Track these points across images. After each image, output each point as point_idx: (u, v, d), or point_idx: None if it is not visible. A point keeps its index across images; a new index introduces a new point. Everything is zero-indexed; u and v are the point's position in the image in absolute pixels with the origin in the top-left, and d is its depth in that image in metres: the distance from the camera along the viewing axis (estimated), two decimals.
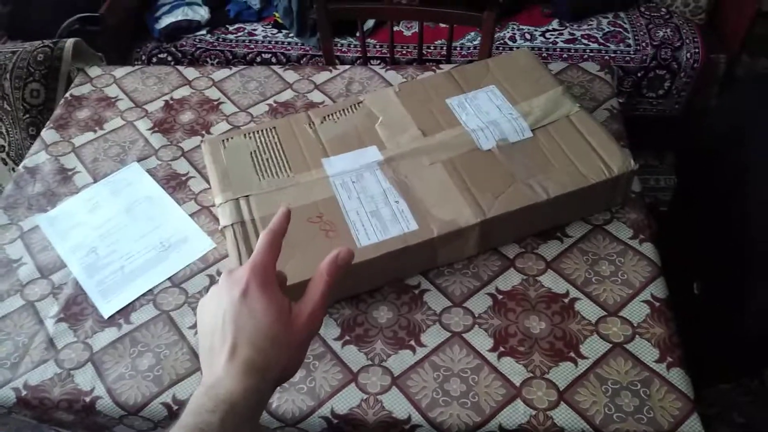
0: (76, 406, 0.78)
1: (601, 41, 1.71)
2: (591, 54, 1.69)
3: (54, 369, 0.81)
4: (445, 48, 1.38)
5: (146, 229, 0.96)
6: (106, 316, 0.86)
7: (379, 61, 1.72)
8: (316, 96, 1.17)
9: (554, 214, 0.91)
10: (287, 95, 1.18)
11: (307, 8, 1.75)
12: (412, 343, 0.81)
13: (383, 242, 0.83)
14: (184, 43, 1.84)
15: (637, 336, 0.79)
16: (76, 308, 0.87)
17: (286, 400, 0.76)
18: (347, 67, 1.23)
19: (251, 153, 0.96)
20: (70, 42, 1.25)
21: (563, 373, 0.77)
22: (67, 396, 0.78)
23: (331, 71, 1.22)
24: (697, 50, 1.66)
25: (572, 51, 1.71)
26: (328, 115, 1.01)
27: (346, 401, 0.76)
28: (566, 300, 0.84)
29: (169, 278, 0.90)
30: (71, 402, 0.78)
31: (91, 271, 0.91)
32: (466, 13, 1.22)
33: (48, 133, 1.14)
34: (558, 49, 1.72)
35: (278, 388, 0.76)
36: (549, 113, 0.97)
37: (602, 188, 0.89)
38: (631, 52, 1.68)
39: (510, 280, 0.87)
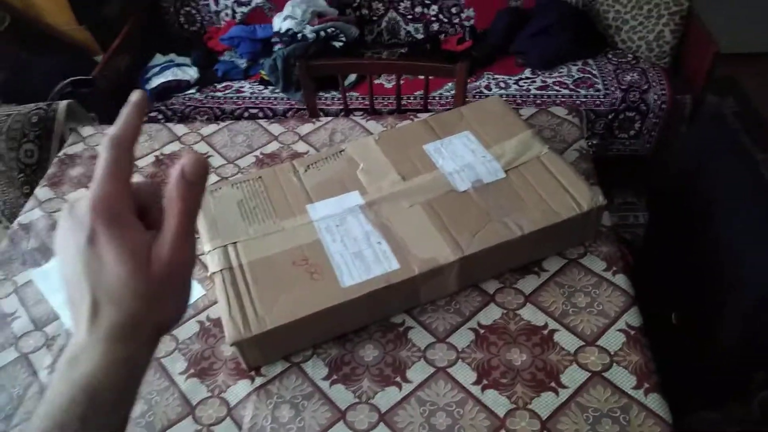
0: None
1: (572, 87, 1.80)
2: (563, 99, 1.77)
3: None
4: (422, 98, 1.46)
5: None
6: None
7: (361, 113, 1.79)
8: (301, 146, 1.22)
9: (530, 249, 0.95)
10: (273, 147, 1.23)
11: (291, 65, 1.83)
12: (398, 379, 0.83)
13: (366, 281, 0.86)
14: (174, 101, 1.91)
15: (614, 364, 0.82)
16: None
17: None
18: (330, 118, 1.29)
19: (238, 202, 1.00)
20: (63, 104, 1.31)
21: (545, 403, 0.79)
22: None
23: (314, 123, 1.28)
24: (663, 92, 1.75)
25: (545, 97, 1.79)
26: (312, 164, 1.06)
27: None
28: (545, 332, 0.87)
29: None
30: None
31: None
32: (439, 65, 1.29)
33: (42, 191, 1.18)
34: (531, 96, 1.80)
35: (269, 428, 0.77)
36: (520, 155, 1.03)
37: (574, 223, 0.94)
38: (601, 96, 1.77)
39: (491, 314, 0.90)
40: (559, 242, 0.97)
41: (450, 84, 1.85)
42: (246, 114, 1.89)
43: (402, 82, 1.49)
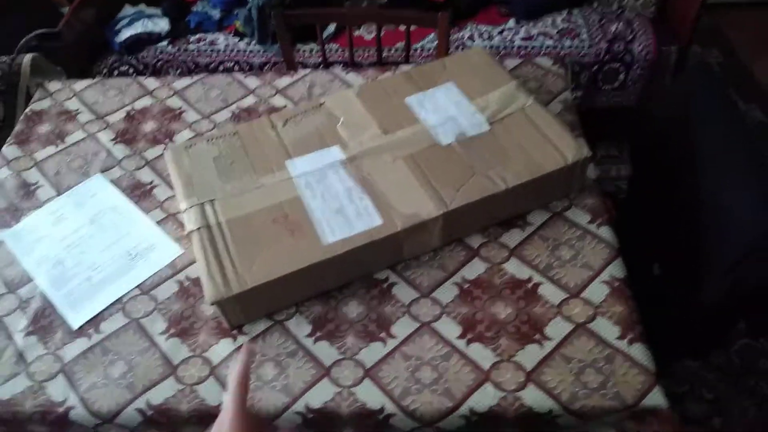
0: (49, 418, 0.78)
1: (556, 37, 1.76)
2: (547, 50, 1.74)
3: (25, 382, 0.80)
4: (404, 50, 1.41)
5: (112, 238, 0.96)
6: (75, 327, 0.85)
7: (340, 65, 1.74)
8: (278, 100, 1.18)
9: (514, 203, 0.93)
10: (249, 101, 1.19)
11: (267, 16, 1.76)
12: (383, 335, 0.82)
13: (349, 239, 0.84)
14: (145, 54, 1.83)
15: (598, 315, 0.82)
16: (45, 321, 0.87)
17: (260, 398, 0.77)
18: (308, 71, 1.25)
19: (214, 158, 0.97)
20: (28, 57, 1.25)
21: (530, 355, 0.79)
22: (40, 408, 0.78)
23: (292, 76, 1.23)
24: (649, 43, 1.72)
25: (529, 48, 1.75)
26: (290, 118, 1.03)
27: (320, 395, 0.77)
28: (530, 285, 0.87)
29: (137, 286, 0.90)
30: (44, 414, 0.78)
31: (59, 284, 0.91)
32: (420, 14, 1.24)
33: (9, 149, 1.13)
34: (515, 47, 1.76)
35: (252, 386, 0.77)
36: (504, 107, 1.00)
37: (558, 176, 0.92)
38: (586, 47, 1.73)
39: (475, 269, 0.89)
40: (544, 195, 0.96)
41: (432, 35, 1.80)
42: (221, 68, 1.82)
43: (383, 33, 1.44)
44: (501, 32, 1.79)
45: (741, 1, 2.43)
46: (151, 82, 1.24)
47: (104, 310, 0.87)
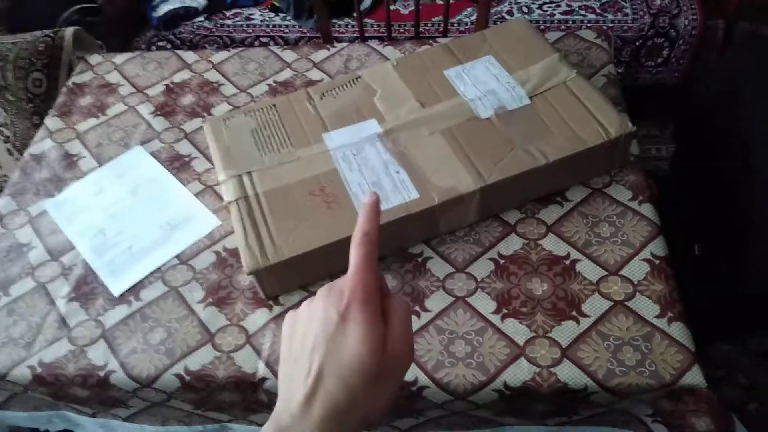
0: (90, 381, 0.80)
1: (599, 11, 1.71)
2: (589, 24, 1.69)
3: (68, 346, 0.83)
4: (442, 24, 1.39)
5: (152, 209, 0.98)
6: (116, 294, 0.87)
7: (377, 40, 1.73)
8: (315, 74, 1.18)
9: (554, 178, 0.91)
10: (286, 74, 1.19)
11: None
12: (417, 308, 0.82)
13: (385, 212, 0.83)
14: (182, 30, 1.84)
15: (637, 293, 0.81)
16: (87, 288, 0.89)
17: None
18: (345, 44, 1.24)
19: (252, 131, 0.97)
20: (70, 31, 1.26)
21: (566, 332, 0.78)
22: (82, 372, 0.80)
23: (328, 49, 1.23)
24: (695, 17, 1.65)
25: (569, 22, 1.71)
26: (327, 91, 1.02)
27: None
28: (567, 262, 0.85)
29: (176, 256, 0.92)
30: (86, 377, 0.80)
31: (100, 252, 0.93)
32: None
33: (51, 121, 1.15)
34: (555, 21, 1.71)
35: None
36: (546, 80, 0.98)
37: (601, 151, 0.90)
38: (629, 21, 1.68)
39: (512, 244, 0.88)
40: (585, 171, 0.93)
41: (470, 9, 1.77)
42: (257, 43, 1.82)
43: (420, 7, 1.42)
44: (541, 6, 1.75)
45: None
46: (189, 56, 1.25)
47: (144, 278, 0.89)
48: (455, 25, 1.77)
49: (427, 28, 1.77)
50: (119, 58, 1.27)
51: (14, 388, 0.84)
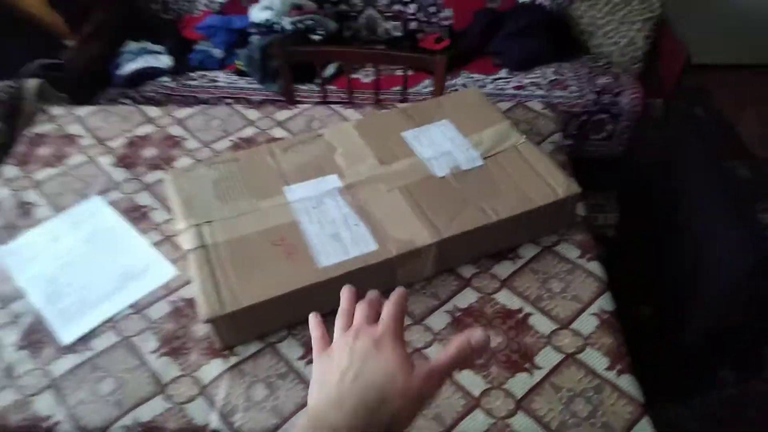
0: None
1: (547, 88, 1.83)
2: (538, 99, 1.80)
3: (12, 396, 0.79)
4: (400, 93, 1.46)
5: (107, 258, 0.97)
6: (66, 343, 0.85)
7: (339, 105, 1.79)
8: (278, 132, 1.21)
9: (506, 235, 0.95)
10: (249, 131, 1.22)
11: (269, 56, 1.82)
12: None
13: (343, 263, 0.85)
14: (147, 88, 1.87)
15: (588, 346, 0.83)
16: (36, 337, 0.86)
17: (250, 418, 0.76)
18: (308, 105, 1.28)
19: (214, 182, 0.98)
20: (33, 82, 1.27)
21: (520, 383, 0.79)
22: (25, 422, 0.76)
23: (291, 109, 1.27)
24: (635, 95, 1.79)
25: (520, 97, 1.82)
26: (289, 147, 1.05)
27: None
28: (520, 315, 0.88)
29: (130, 305, 0.90)
30: (29, 428, 0.76)
31: (52, 300, 0.90)
32: (418, 56, 1.30)
33: (8, 169, 1.14)
34: (507, 95, 1.82)
35: (242, 406, 0.76)
36: (498, 144, 1.04)
37: (549, 210, 0.95)
38: (574, 98, 1.80)
39: (467, 298, 0.90)
40: (535, 229, 0.98)
41: (428, 81, 1.87)
42: (221, 103, 1.86)
43: (380, 76, 1.49)
44: (494, 81, 1.86)
45: (724, 63, 2.54)
46: (153, 111, 1.27)
47: (96, 327, 0.87)
48: (413, 95, 1.85)
49: (386, 96, 1.85)
50: (82, 110, 1.28)
51: None
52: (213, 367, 0.82)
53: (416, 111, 1.13)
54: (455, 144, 1.04)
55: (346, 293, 0.62)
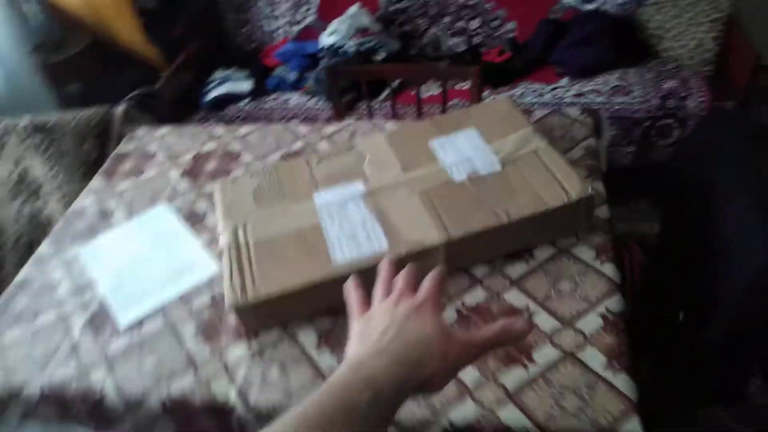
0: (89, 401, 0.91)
1: (607, 95, 1.80)
2: (597, 106, 1.78)
3: (73, 369, 0.94)
4: (460, 106, 1.52)
5: (166, 256, 1.11)
6: (122, 326, 0.99)
7: (382, 118, 1.86)
8: (323, 145, 1.32)
9: (518, 237, 0.98)
10: (298, 145, 1.33)
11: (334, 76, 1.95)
12: None
13: (357, 259, 0.93)
14: (227, 112, 2.07)
15: (588, 345, 0.84)
16: (99, 319, 1.01)
17: (263, 397, 0.85)
18: (353, 120, 1.38)
19: (253, 190, 1.10)
20: (120, 108, 1.48)
21: (514, 377, 0.82)
22: (81, 390, 0.91)
23: (338, 124, 1.37)
24: (702, 99, 1.71)
25: (578, 105, 1.80)
26: (324, 158, 1.15)
27: None
28: (526, 313, 0.90)
29: (179, 297, 1.03)
30: (84, 396, 0.90)
31: (115, 290, 1.06)
32: (452, 68, 1.36)
33: (96, 182, 1.34)
34: (565, 104, 1.81)
35: (259, 386, 0.85)
36: (519, 149, 1.07)
37: (562, 212, 0.96)
38: (637, 104, 1.76)
39: (476, 296, 0.94)
40: (550, 231, 1.00)
41: (486, 92, 1.90)
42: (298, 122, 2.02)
43: (428, 95, 1.56)
44: (552, 90, 1.86)
45: None
46: (218, 130, 1.43)
47: (148, 314, 1.01)
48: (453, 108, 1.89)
49: (430, 109, 1.91)
50: (161, 131, 1.46)
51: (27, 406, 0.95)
52: (238, 351, 0.92)
53: (446, 121, 1.19)
54: (477, 150, 1.09)
55: (385, 264, 0.66)
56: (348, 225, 0.99)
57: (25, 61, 1.96)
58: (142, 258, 1.12)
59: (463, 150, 1.10)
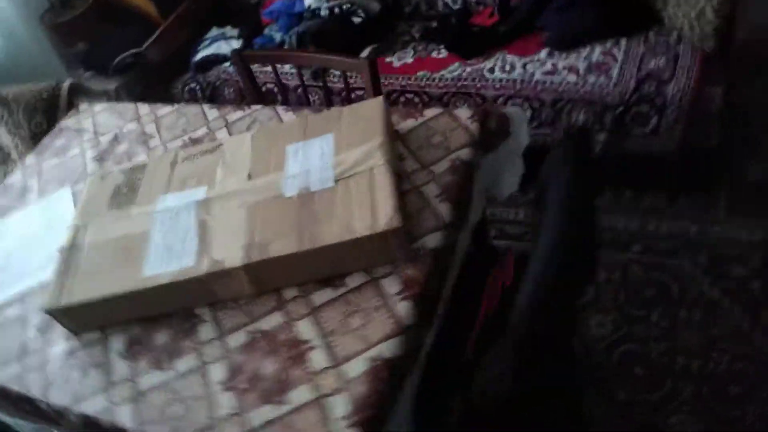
0: None
1: (582, 73, 1.60)
2: (567, 86, 1.59)
3: None
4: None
5: (50, 244, 1.20)
6: None
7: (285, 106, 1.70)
8: (222, 134, 1.32)
9: (329, 262, 0.95)
10: (201, 132, 1.35)
11: (306, 43, 1.90)
12: (165, 366, 0.92)
13: (162, 274, 0.95)
14: (212, 74, 2.10)
15: (343, 391, 0.82)
16: None
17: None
18: (258, 107, 1.36)
19: (115, 186, 1.14)
20: (67, 82, 1.56)
21: (260, 416, 0.82)
22: None
23: (244, 110, 1.36)
24: (690, 82, 1.47)
25: (547, 83, 1.62)
26: (190, 156, 1.16)
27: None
28: (304, 347, 0.89)
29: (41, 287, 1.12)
30: None
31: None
32: (344, 59, 1.28)
33: (30, 158, 1.45)
34: (533, 82, 1.64)
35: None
36: (358, 165, 1.01)
37: (370, 242, 0.92)
38: (611, 86, 1.55)
39: (272, 321, 0.94)
40: (363, 259, 0.95)
41: (458, 63, 1.77)
42: (263, 88, 2.00)
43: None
44: (524, 65, 1.68)
45: None
46: (143, 108, 1.47)
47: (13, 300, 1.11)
48: (436, 81, 1.77)
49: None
50: (97, 107, 1.53)
51: None
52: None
53: (316, 121, 1.14)
54: (321, 161, 1.04)
55: None
56: (172, 235, 1.01)
57: (33, 22, 2.09)
58: (28, 244, 1.22)
59: (309, 159, 1.06)
